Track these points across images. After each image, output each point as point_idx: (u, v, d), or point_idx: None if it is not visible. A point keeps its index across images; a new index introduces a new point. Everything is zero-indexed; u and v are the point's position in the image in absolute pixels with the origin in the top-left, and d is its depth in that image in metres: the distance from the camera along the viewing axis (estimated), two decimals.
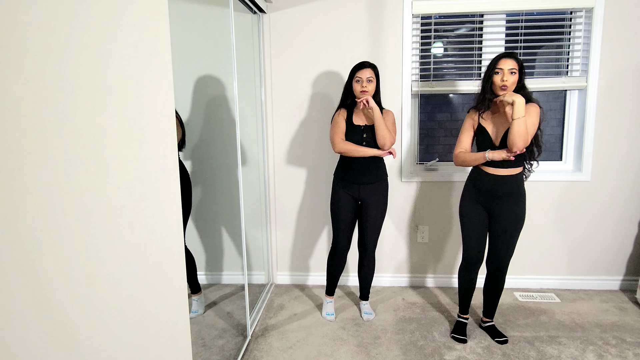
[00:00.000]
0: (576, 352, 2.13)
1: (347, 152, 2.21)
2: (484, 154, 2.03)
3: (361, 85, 2.17)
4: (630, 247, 2.80)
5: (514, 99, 1.89)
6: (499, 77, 1.95)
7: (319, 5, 2.70)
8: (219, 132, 2.72)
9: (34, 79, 0.68)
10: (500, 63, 1.95)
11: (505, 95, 1.93)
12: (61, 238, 0.75)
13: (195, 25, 2.62)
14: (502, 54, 2.00)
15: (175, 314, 1.20)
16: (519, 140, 1.88)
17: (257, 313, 2.55)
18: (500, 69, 1.95)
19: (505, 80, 1.93)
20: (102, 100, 0.86)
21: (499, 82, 1.95)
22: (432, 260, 2.94)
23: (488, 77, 2.00)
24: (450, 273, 2.94)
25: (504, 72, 1.94)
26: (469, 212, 2.17)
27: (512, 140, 1.89)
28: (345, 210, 2.34)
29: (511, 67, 1.94)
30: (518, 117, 1.87)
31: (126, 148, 0.95)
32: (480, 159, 2.05)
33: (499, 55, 1.99)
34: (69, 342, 0.77)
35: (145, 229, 1.04)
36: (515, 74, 1.95)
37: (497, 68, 1.96)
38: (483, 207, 2.15)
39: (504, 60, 1.95)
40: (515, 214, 2.08)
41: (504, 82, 1.93)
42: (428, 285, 2.96)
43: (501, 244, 2.14)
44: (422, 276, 2.96)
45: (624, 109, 2.65)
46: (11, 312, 0.65)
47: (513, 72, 1.94)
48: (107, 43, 0.88)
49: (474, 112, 2.12)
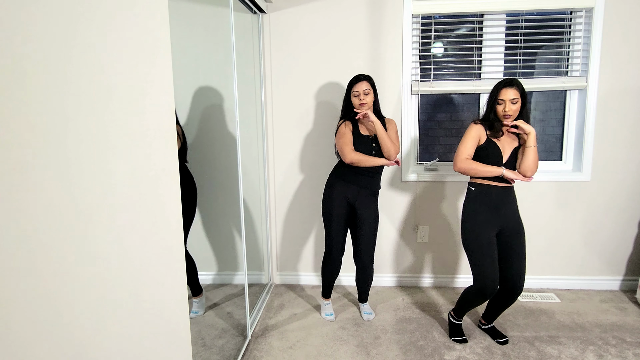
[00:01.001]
0: (576, 352, 2.13)
1: (357, 162, 2.24)
2: (501, 170, 2.00)
3: (359, 99, 2.23)
4: (630, 247, 2.80)
5: (530, 129, 1.98)
6: (502, 107, 2.00)
7: (319, 5, 2.70)
8: (219, 132, 2.72)
9: (34, 80, 0.68)
10: (502, 94, 1.98)
11: (522, 123, 1.99)
12: (61, 239, 0.75)
13: (195, 25, 2.62)
14: (503, 82, 2.00)
15: (176, 314, 1.20)
16: (534, 167, 2.01)
17: (257, 313, 2.54)
18: (502, 100, 1.99)
19: (507, 110, 1.98)
20: (102, 101, 0.86)
21: (502, 113, 2.00)
22: (432, 260, 2.94)
23: (491, 105, 2.05)
24: (451, 273, 2.94)
25: (506, 103, 1.98)
26: (480, 233, 2.03)
27: (529, 166, 2.00)
28: (339, 209, 2.34)
29: (513, 97, 1.97)
30: (532, 146, 1.99)
31: (126, 149, 0.95)
32: (495, 173, 2.01)
33: (500, 84, 2.00)
34: (70, 342, 0.77)
35: (146, 229, 1.04)
36: (518, 102, 1.99)
37: (499, 99, 2.00)
38: (493, 224, 2.05)
39: (505, 91, 1.98)
40: (520, 225, 2.08)
41: (507, 113, 1.98)
42: (428, 285, 2.96)
43: (517, 263, 2.05)
44: (422, 276, 2.96)
45: (624, 109, 2.65)
46: (12, 311, 0.65)
47: (515, 102, 1.98)
48: (107, 43, 0.88)
49: (482, 127, 2.07)
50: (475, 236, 2.05)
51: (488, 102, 2.07)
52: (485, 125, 2.07)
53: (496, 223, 2.06)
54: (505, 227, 2.08)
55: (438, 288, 2.92)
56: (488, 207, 2.05)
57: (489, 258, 2.02)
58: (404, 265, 2.96)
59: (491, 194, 2.05)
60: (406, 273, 2.97)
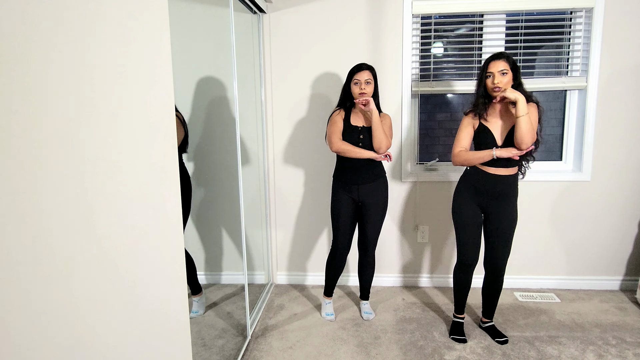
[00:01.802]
0: (576, 352, 2.13)
1: (343, 152, 2.21)
2: (491, 152, 2.00)
3: (359, 87, 2.18)
4: (630, 247, 2.80)
5: (516, 96, 1.90)
6: (490, 80, 1.97)
7: (318, 5, 2.70)
8: (219, 132, 2.72)
9: (34, 80, 0.69)
10: (490, 66, 1.97)
11: (507, 92, 1.92)
12: (62, 238, 0.75)
13: (195, 25, 2.62)
14: (491, 56, 1.99)
15: (176, 314, 1.20)
16: (526, 137, 1.90)
17: (257, 313, 2.55)
18: (491, 72, 1.96)
19: (496, 82, 1.94)
20: (102, 101, 0.86)
21: (491, 85, 1.97)
22: (432, 260, 2.94)
23: (480, 80, 2.02)
24: (451, 273, 2.94)
25: (494, 74, 1.95)
26: (464, 211, 2.15)
27: (520, 137, 1.91)
28: (345, 213, 2.33)
29: (501, 68, 1.94)
30: (522, 115, 1.89)
31: (126, 148, 0.95)
32: (487, 157, 2.01)
33: (489, 58, 2.00)
34: (70, 342, 0.77)
35: (145, 228, 1.04)
36: (508, 74, 1.95)
37: (487, 72, 1.98)
38: (479, 207, 2.14)
39: (494, 63, 1.96)
40: (510, 214, 2.10)
41: (496, 85, 1.94)
42: (428, 285, 2.96)
43: (499, 245, 2.14)
44: (422, 276, 2.96)
45: (623, 109, 2.65)
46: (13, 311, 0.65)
47: (504, 73, 1.94)
48: (107, 43, 0.88)
49: (472, 114, 2.10)
50: (458, 213, 2.18)
51: (478, 79, 2.05)
52: (475, 111, 2.07)
53: (479, 204, 2.13)
54: (491, 211, 2.11)
55: (438, 288, 2.92)
56: (472, 188, 2.12)
57: (469, 233, 2.15)
58: (404, 265, 2.96)
59: (478, 177, 2.09)
60: (406, 273, 2.97)
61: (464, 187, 2.16)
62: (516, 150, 1.97)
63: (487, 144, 2.05)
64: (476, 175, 2.11)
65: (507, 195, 2.07)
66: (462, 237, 2.18)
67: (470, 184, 2.13)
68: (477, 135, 2.10)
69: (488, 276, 2.24)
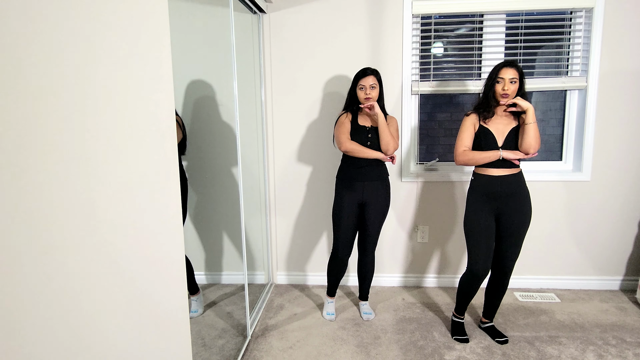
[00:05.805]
0: (576, 352, 2.13)
1: (352, 152, 2.24)
2: (498, 152, 2.05)
3: (365, 92, 2.21)
4: (630, 247, 2.80)
5: (528, 106, 2.00)
6: (500, 86, 2.02)
7: (319, 5, 2.70)
8: (219, 132, 2.72)
9: (38, 82, 0.69)
10: (502, 72, 2.02)
11: (518, 99, 2.01)
12: (63, 238, 0.75)
13: (195, 25, 2.62)
14: (503, 62, 2.04)
15: (175, 314, 1.20)
16: (535, 143, 2.01)
17: (257, 313, 2.55)
18: (502, 78, 2.01)
19: (506, 89, 2.01)
20: (102, 101, 0.86)
21: (500, 91, 2.02)
22: (432, 260, 2.94)
23: (490, 85, 2.07)
24: (451, 273, 2.94)
25: (505, 81, 2.01)
26: (476, 220, 2.11)
27: (529, 143, 2.01)
28: (348, 217, 2.34)
29: (512, 76, 2.00)
30: (531, 122, 2.00)
31: (126, 149, 0.95)
32: (493, 157, 2.05)
33: (500, 64, 2.04)
34: (70, 342, 0.77)
35: (145, 228, 1.04)
36: (516, 83, 2.02)
37: (498, 77, 2.03)
38: (490, 212, 2.11)
39: (505, 70, 2.01)
40: (522, 214, 2.10)
41: (505, 91, 2.01)
42: (428, 285, 2.96)
43: (508, 246, 2.13)
44: (422, 276, 2.96)
45: (624, 109, 2.65)
46: (15, 310, 0.65)
47: (513, 81, 2.01)
48: (107, 43, 0.88)
49: (474, 116, 2.13)
50: (470, 223, 2.14)
51: (486, 82, 2.10)
52: (477, 113, 2.11)
53: (492, 210, 2.11)
54: (504, 212, 2.11)
55: (438, 288, 2.92)
56: (483, 195, 2.11)
57: (483, 244, 2.11)
58: (404, 265, 2.96)
59: (487, 182, 2.10)
60: (406, 273, 2.97)
61: (474, 197, 2.14)
62: (522, 154, 2.05)
63: (488, 145, 2.09)
64: (484, 180, 2.11)
65: (519, 194, 2.09)
66: (475, 247, 2.13)
67: (480, 193, 2.12)
68: (477, 137, 2.12)
69: (494, 277, 2.23)
